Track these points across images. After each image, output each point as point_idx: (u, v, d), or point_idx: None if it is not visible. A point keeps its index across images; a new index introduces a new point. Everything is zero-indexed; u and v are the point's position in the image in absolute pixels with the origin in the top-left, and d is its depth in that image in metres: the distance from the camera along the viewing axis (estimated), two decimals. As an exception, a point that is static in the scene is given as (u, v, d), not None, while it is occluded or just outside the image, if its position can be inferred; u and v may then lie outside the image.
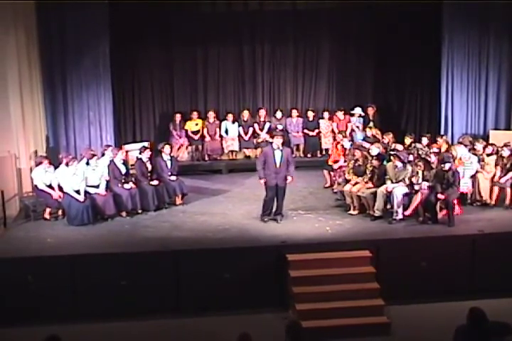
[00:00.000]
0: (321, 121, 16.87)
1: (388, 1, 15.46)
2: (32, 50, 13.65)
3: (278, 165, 11.64)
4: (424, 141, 13.62)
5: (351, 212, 12.24)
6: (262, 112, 16.81)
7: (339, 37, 17.18)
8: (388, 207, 11.87)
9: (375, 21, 16.81)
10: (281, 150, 11.74)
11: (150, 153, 13.16)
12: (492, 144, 13.19)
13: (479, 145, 13.13)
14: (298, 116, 16.92)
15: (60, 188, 12.16)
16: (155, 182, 12.75)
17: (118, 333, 9.79)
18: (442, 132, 15.19)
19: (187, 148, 16.53)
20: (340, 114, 16.68)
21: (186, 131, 16.46)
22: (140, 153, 13.16)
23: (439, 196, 11.44)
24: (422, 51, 16.50)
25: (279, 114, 16.92)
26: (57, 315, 10.00)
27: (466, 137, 14.10)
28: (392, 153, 12.47)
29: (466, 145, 13.21)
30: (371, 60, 17.43)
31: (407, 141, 13.80)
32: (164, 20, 16.25)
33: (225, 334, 8.96)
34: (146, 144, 14.33)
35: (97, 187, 12.25)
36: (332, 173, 13.98)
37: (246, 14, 16.67)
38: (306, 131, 16.76)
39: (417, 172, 11.77)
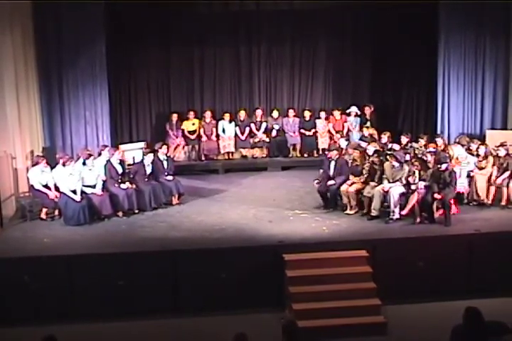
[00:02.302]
0: (317, 121, 16.87)
1: (385, 1, 15.47)
2: (28, 50, 13.64)
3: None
4: (421, 141, 13.61)
5: (348, 211, 12.26)
6: (259, 112, 16.84)
7: (336, 37, 17.17)
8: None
9: (372, 21, 16.82)
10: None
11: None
12: (486, 145, 13.21)
13: (474, 146, 13.17)
14: (294, 116, 16.94)
15: (57, 188, 12.17)
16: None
17: (115, 333, 9.79)
18: (439, 132, 15.19)
19: (183, 147, 16.53)
20: (336, 114, 16.70)
21: (183, 130, 16.46)
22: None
23: (436, 196, 11.46)
24: (418, 51, 16.51)
25: (275, 114, 16.94)
26: (54, 315, 10.01)
27: (463, 137, 14.12)
28: (388, 152, 12.49)
29: (463, 145, 13.24)
30: (368, 60, 17.44)
31: (404, 140, 13.82)
32: (161, 20, 16.23)
33: (222, 334, 8.94)
34: (142, 144, 14.34)
35: (94, 187, 12.25)
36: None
37: (243, 14, 16.65)
38: (302, 130, 16.77)
39: (414, 172, 11.79)
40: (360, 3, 15.66)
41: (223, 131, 16.56)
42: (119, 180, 12.58)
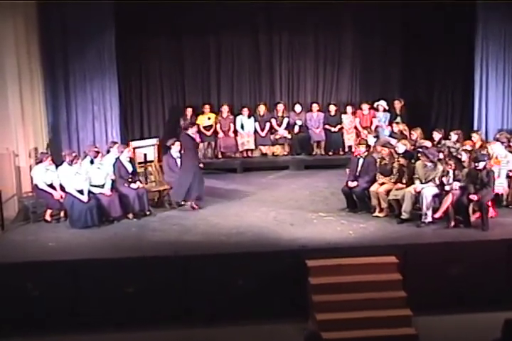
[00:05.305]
0: (343, 116, 16.84)
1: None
2: (32, 40, 13.68)
3: None
4: (454, 137, 13.54)
5: (377, 214, 12.19)
6: (280, 106, 16.81)
7: (363, 25, 17.06)
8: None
9: (403, 9, 16.67)
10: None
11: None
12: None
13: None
14: (318, 111, 16.91)
15: (62, 188, 12.20)
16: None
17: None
18: (476, 128, 15.10)
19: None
20: (364, 108, 16.64)
21: (198, 126, 16.45)
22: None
23: (472, 197, 11.37)
24: (454, 40, 16.41)
25: (298, 108, 16.90)
26: (58, 325, 10.02)
27: (504, 133, 13.97)
28: (420, 150, 12.39)
29: (502, 143, 13.12)
30: (398, 50, 17.33)
31: (436, 136, 13.73)
32: (174, 7, 16.16)
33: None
34: (154, 140, 14.33)
35: (102, 186, 12.28)
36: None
37: (262, 1, 16.58)
38: (327, 126, 16.75)
39: (448, 172, 11.69)
40: None
41: (242, 126, 16.56)
42: (129, 180, 12.59)
